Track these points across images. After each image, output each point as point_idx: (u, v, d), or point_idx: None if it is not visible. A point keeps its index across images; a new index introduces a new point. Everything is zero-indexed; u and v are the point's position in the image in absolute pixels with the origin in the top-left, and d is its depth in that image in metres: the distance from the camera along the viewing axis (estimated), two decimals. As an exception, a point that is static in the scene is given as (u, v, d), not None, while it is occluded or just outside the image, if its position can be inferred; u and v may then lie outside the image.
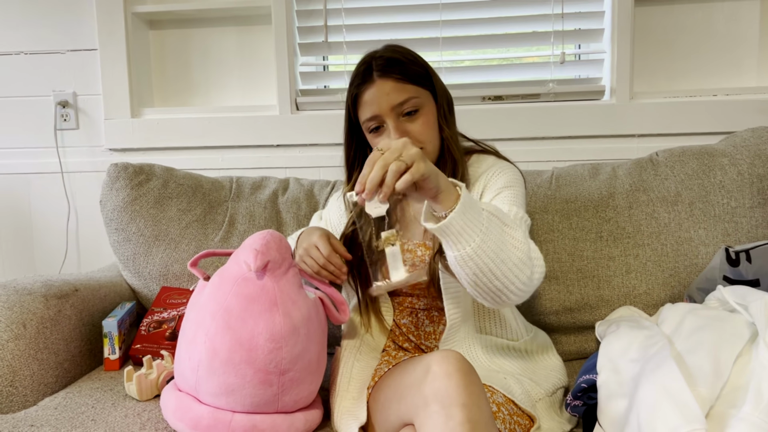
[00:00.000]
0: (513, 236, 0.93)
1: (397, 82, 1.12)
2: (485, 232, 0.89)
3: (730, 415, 0.85)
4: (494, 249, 0.90)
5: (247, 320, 1.00)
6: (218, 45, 1.99)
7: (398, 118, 1.13)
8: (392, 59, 1.14)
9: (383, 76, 1.13)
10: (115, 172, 1.58)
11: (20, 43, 1.97)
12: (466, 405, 0.85)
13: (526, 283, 0.95)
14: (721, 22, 1.79)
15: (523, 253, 0.93)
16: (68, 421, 1.10)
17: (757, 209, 1.39)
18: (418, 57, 1.19)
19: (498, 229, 0.91)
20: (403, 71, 1.13)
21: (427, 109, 1.15)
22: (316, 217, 1.46)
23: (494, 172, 1.19)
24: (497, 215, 0.92)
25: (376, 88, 1.13)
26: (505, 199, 1.12)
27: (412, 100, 1.13)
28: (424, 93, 1.15)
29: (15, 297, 1.28)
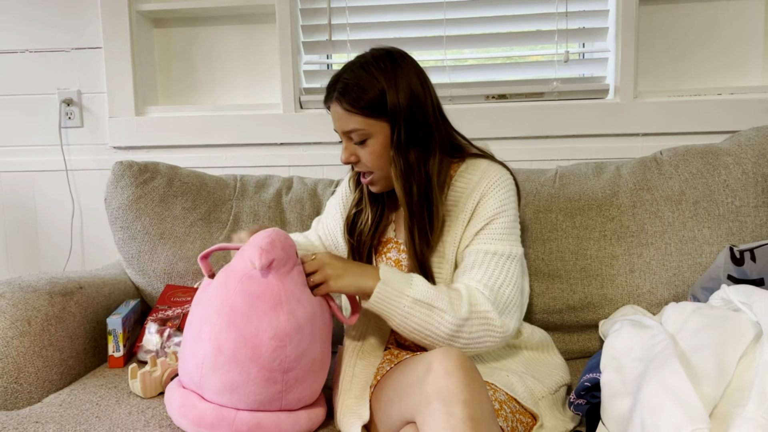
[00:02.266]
0: (441, 318, 1.04)
1: (345, 112, 1.13)
2: (405, 316, 1.05)
3: (734, 414, 0.85)
4: (415, 328, 1.05)
5: (251, 318, 1.00)
6: (222, 43, 1.99)
7: (350, 141, 1.16)
8: (348, 87, 1.12)
9: (336, 102, 1.14)
10: (120, 170, 1.58)
11: (25, 41, 1.98)
12: (467, 402, 0.85)
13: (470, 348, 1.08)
14: (726, 21, 1.78)
15: (449, 330, 1.04)
16: (73, 418, 1.11)
17: (761, 208, 1.39)
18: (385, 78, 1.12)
19: (422, 314, 1.04)
20: (354, 101, 1.11)
21: (376, 139, 1.13)
22: (314, 223, 1.45)
23: (488, 187, 1.16)
24: (424, 300, 1.04)
25: (333, 109, 1.17)
26: (494, 235, 1.14)
27: (357, 131, 1.13)
28: (375, 124, 1.12)
29: (20, 294, 1.28)
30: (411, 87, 1.13)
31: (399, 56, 1.16)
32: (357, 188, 1.29)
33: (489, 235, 1.14)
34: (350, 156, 1.17)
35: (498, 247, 1.13)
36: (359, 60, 1.16)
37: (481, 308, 1.07)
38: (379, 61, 1.14)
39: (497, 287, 1.10)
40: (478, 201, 1.16)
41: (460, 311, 1.05)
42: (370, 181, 1.19)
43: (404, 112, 1.12)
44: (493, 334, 1.08)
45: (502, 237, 1.14)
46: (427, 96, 1.16)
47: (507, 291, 1.11)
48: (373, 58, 1.14)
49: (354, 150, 1.17)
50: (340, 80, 1.14)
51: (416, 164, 1.14)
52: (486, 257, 1.12)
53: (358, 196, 1.28)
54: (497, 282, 1.10)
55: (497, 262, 1.12)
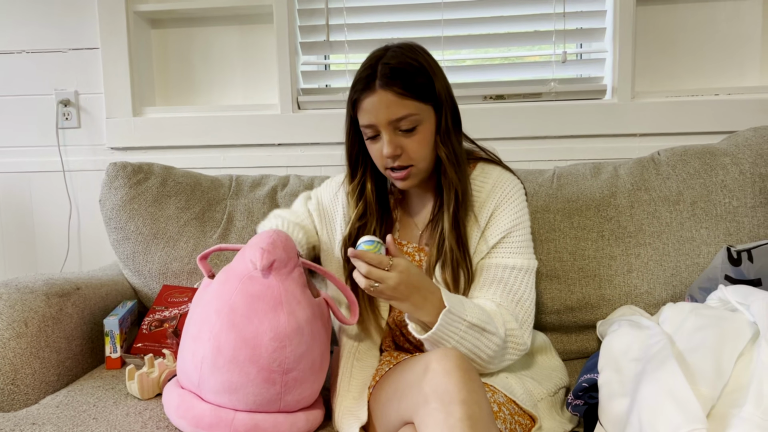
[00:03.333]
0: (489, 341, 1.03)
1: (397, 96, 1.06)
2: (459, 341, 1.01)
3: (732, 414, 0.85)
4: (465, 352, 1.01)
5: (251, 319, 1.00)
6: (220, 44, 1.99)
7: (394, 132, 1.09)
8: (397, 69, 1.07)
9: (385, 87, 1.07)
10: (113, 171, 1.58)
11: (22, 42, 1.97)
12: (465, 402, 0.85)
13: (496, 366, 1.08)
14: (723, 21, 1.79)
15: (493, 351, 1.04)
16: (70, 419, 1.11)
17: (759, 209, 1.39)
18: (426, 64, 1.11)
19: (474, 338, 1.02)
20: (407, 84, 1.06)
21: (425, 126, 1.10)
22: (303, 197, 1.37)
23: (502, 198, 1.16)
24: (479, 325, 1.01)
25: (377, 98, 1.08)
26: (512, 248, 1.15)
27: (410, 117, 1.08)
28: (425, 109, 1.09)
29: (17, 295, 1.28)
30: (445, 76, 1.14)
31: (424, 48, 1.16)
32: (360, 200, 1.22)
33: (507, 248, 1.15)
34: (396, 148, 1.09)
35: (516, 261, 1.14)
36: (394, 48, 1.11)
37: (510, 326, 1.09)
38: (414, 48, 1.13)
39: (516, 302, 1.12)
40: (493, 211, 1.16)
41: (501, 331, 1.06)
42: (406, 175, 1.12)
43: (447, 97, 1.13)
44: (517, 350, 1.10)
45: (519, 251, 1.15)
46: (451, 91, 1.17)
47: (526, 305, 1.13)
48: (408, 46, 1.12)
49: (399, 141, 1.09)
50: (384, 66, 1.07)
51: (461, 152, 1.15)
52: (505, 272, 1.13)
53: (362, 209, 1.21)
54: (516, 296, 1.13)
55: (516, 276, 1.14)
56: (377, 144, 1.12)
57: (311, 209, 1.32)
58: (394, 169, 1.13)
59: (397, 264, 0.98)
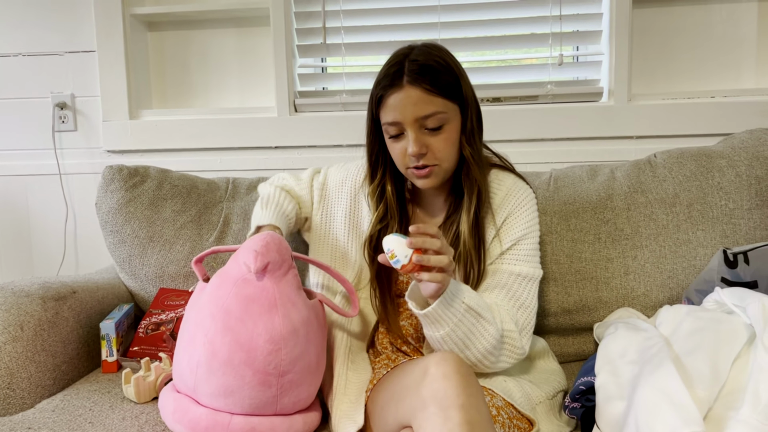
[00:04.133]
0: (485, 330, 1.02)
1: (426, 93, 1.06)
2: (456, 324, 1.00)
3: (729, 417, 0.85)
4: (461, 337, 1.01)
5: (246, 321, 1.00)
6: (217, 47, 1.99)
7: (420, 130, 1.09)
8: (426, 66, 1.06)
9: (413, 84, 1.06)
10: (109, 174, 1.58)
11: (18, 45, 1.97)
12: (464, 406, 0.85)
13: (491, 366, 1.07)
14: (719, 23, 1.79)
15: (489, 344, 1.03)
16: (66, 423, 1.10)
17: (755, 211, 1.39)
18: (453, 63, 1.11)
19: (470, 323, 1.01)
20: (435, 81, 1.06)
21: (451, 125, 1.10)
22: (312, 170, 1.39)
23: (515, 206, 1.17)
24: (476, 309, 1.01)
25: (404, 94, 1.07)
26: (520, 256, 1.15)
27: (438, 115, 1.07)
28: (452, 107, 1.09)
29: (12, 299, 1.27)
30: (468, 77, 1.15)
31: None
32: (381, 202, 1.22)
33: (515, 256, 1.15)
34: (422, 146, 1.08)
35: (522, 269, 1.15)
36: (421, 46, 1.11)
37: (507, 327, 1.09)
38: (440, 47, 1.13)
39: (517, 308, 1.13)
40: (506, 218, 1.17)
41: (499, 325, 1.06)
42: (429, 173, 1.11)
43: (473, 99, 1.13)
44: (513, 353, 1.10)
45: (527, 259, 1.16)
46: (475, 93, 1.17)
47: (526, 313, 1.14)
48: (432, 45, 1.12)
49: (425, 140, 1.09)
50: (412, 62, 1.07)
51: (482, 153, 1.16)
52: (510, 278, 1.14)
53: (382, 212, 1.21)
54: (518, 302, 1.13)
55: (520, 283, 1.14)
56: (400, 143, 1.12)
57: (315, 185, 1.35)
58: (417, 168, 1.12)
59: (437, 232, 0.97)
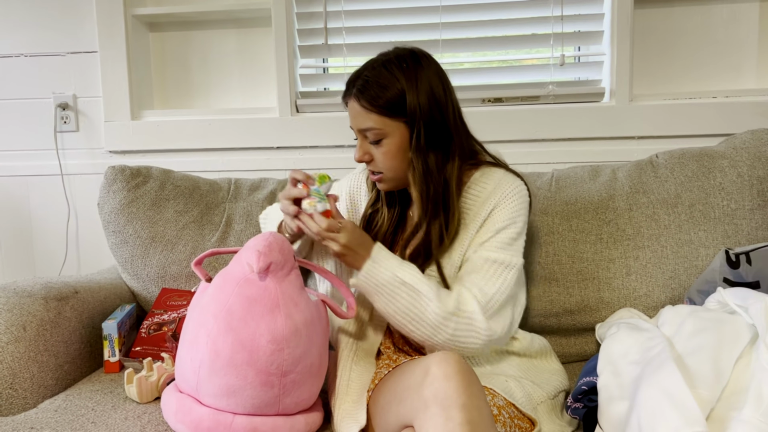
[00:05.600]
0: (425, 306, 1.05)
1: (363, 109, 1.12)
2: (391, 295, 1.07)
3: (731, 417, 0.85)
4: (401, 311, 1.07)
5: (249, 321, 1.00)
6: (218, 47, 1.99)
7: (365, 139, 1.16)
8: (368, 84, 1.11)
9: (355, 99, 1.13)
10: (112, 174, 1.58)
11: (20, 45, 1.97)
12: (465, 406, 0.85)
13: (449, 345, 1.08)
14: (721, 24, 1.79)
15: (434, 320, 1.05)
16: (68, 423, 1.10)
17: (757, 211, 1.39)
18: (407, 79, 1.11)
19: (408, 297, 1.06)
20: (373, 99, 1.11)
21: (391, 139, 1.13)
22: None
23: (502, 198, 1.17)
24: (412, 285, 1.06)
25: (350, 106, 1.16)
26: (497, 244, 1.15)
27: (373, 130, 1.12)
28: (392, 124, 1.12)
29: (15, 299, 1.28)
30: (432, 89, 1.13)
31: (422, 57, 1.16)
32: (374, 187, 1.28)
33: (493, 244, 1.14)
34: (364, 154, 1.17)
35: (499, 256, 1.13)
36: (382, 58, 1.15)
37: (468, 308, 1.07)
38: (401, 60, 1.13)
39: (490, 294, 1.10)
40: (491, 211, 1.16)
41: (447, 305, 1.06)
42: (379, 179, 1.19)
43: (424, 113, 1.12)
44: (476, 335, 1.07)
45: (504, 246, 1.14)
46: (448, 99, 1.16)
47: (499, 298, 1.11)
48: (396, 57, 1.14)
49: (368, 149, 1.16)
50: (361, 77, 1.13)
51: (435, 168, 1.14)
52: (485, 264, 1.13)
53: (374, 196, 1.28)
54: (491, 289, 1.11)
55: (495, 270, 1.13)
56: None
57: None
58: (373, 172, 1.19)
59: (344, 225, 1.10)
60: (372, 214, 1.27)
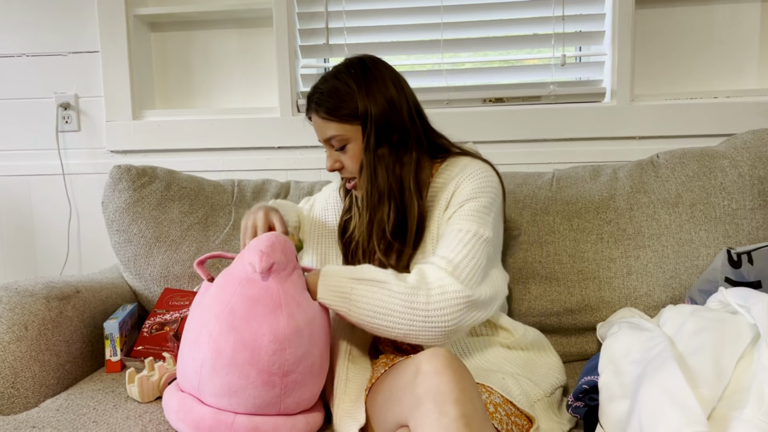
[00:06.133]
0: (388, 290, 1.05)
1: (323, 120, 1.18)
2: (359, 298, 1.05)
3: (732, 417, 0.85)
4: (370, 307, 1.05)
5: (251, 321, 1.00)
6: (219, 47, 1.99)
7: (332, 148, 1.20)
8: (323, 95, 1.17)
9: (314, 112, 1.19)
10: (118, 173, 1.58)
11: (22, 45, 1.98)
12: (458, 400, 0.85)
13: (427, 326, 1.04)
14: (722, 24, 1.79)
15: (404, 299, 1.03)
16: (70, 422, 1.10)
17: (758, 211, 1.39)
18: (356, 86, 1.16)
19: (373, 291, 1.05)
20: (329, 110, 1.16)
21: (354, 143, 1.18)
22: (303, 200, 1.49)
23: (464, 177, 1.17)
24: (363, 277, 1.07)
25: (312, 120, 1.22)
26: (460, 215, 1.13)
27: (336, 137, 1.17)
28: (350, 128, 1.16)
29: (17, 298, 1.28)
30: (382, 91, 1.16)
31: (371, 62, 1.20)
32: (346, 196, 1.32)
33: (458, 215, 1.14)
34: (335, 163, 1.21)
35: (464, 225, 1.11)
36: (333, 70, 1.22)
37: (433, 276, 1.05)
38: (350, 68, 1.19)
39: (457, 260, 1.07)
40: (454, 191, 1.18)
41: (407, 280, 1.05)
42: (354, 186, 1.23)
43: (375, 116, 1.15)
44: (455, 300, 1.03)
45: (470, 217, 1.12)
46: (401, 99, 1.18)
47: (469, 263, 1.07)
48: (345, 67, 1.20)
49: (337, 157, 1.21)
50: (317, 91, 1.19)
51: (388, 166, 1.16)
52: (451, 233, 1.11)
53: (347, 205, 1.31)
54: (457, 256, 1.07)
55: (461, 238, 1.10)
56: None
57: (305, 208, 1.43)
58: (348, 180, 1.24)
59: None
60: (346, 222, 1.30)
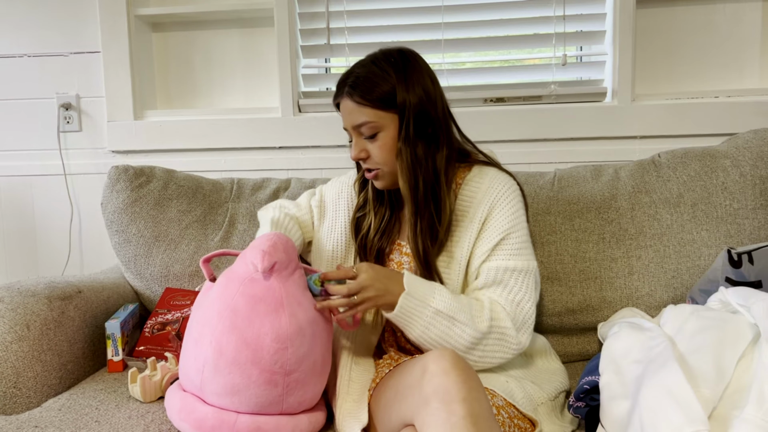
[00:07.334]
0: (461, 331, 1.07)
1: (357, 105, 1.14)
2: (426, 326, 1.07)
3: (733, 416, 0.85)
4: (435, 338, 1.07)
5: (253, 320, 1.00)
6: (221, 47, 1.99)
7: (360, 136, 1.17)
8: (359, 79, 1.14)
9: (348, 96, 1.15)
10: (115, 174, 1.59)
11: (24, 46, 1.98)
12: (466, 400, 0.86)
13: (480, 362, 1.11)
14: (723, 23, 1.79)
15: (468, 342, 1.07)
16: (72, 422, 1.11)
17: (759, 211, 1.39)
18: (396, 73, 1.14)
19: (442, 325, 1.07)
20: (366, 93, 1.13)
21: (386, 132, 1.15)
22: (308, 193, 1.42)
23: (499, 197, 1.17)
24: (446, 313, 1.07)
25: (343, 105, 1.17)
26: (511, 250, 1.16)
27: (369, 125, 1.14)
28: (385, 116, 1.14)
29: (19, 299, 1.28)
30: (421, 83, 1.15)
31: (409, 53, 1.19)
32: (361, 192, 1.29)
33: (506, 250, 1.16)
34: (361, 152, 1.17)
35: (517, 263, 1.15)
36: (370, 57, 1.18)
37: (501, 324, 1.10)
38: (388, 56, 1.16)
39: (516, 303, 1.13)
40: (489, 211, 1.17)
41: (481, 325, 1.08)
42: (375, 176, 1.19)
43: (414, 105, 1.14)
44: (507, 349, 1.12)
45: (519, 252, 1.16)
46: (437, 95, 1.18)
47: (526, 307, 1.14)
48: (383, 55, 1.17)
49: (364, 145, 1.17)
50: (351, 75, 1.16)
51: (423, 158, 1.15)
52: (506, 274, 1.15)
53: (361, 201, 1.29)
54: (516, 298, 1.14)
55: (516, 278, 1.15)
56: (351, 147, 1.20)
57: (313, 205, 1.37)
58: (368, 170, 1.20)
59: (359, 267, 1.08)
60: (359, 219, 1.28)
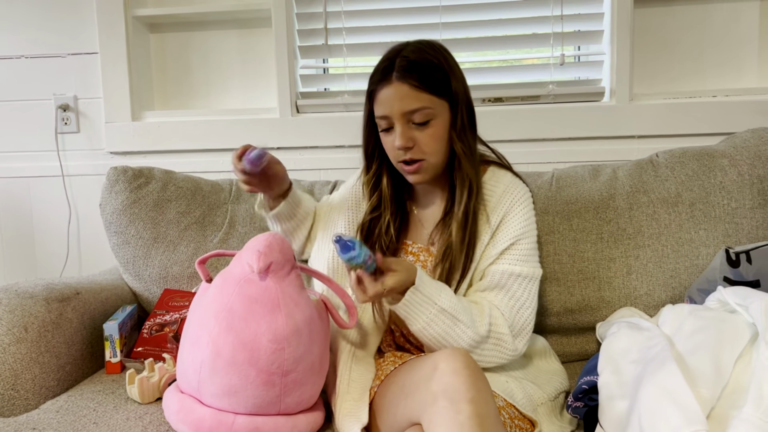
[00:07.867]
0: (462, 332, 1.07)
1: (412, 89, 1.09)
2: (428, 322, 1.06)
3: (731, 416, 0.85)
4: (436, 335, 1.07)
5: (249, 321, 1.00)
6: (219, 48, 1.99)
7: (407, 124, 1.11)
8: (414, 63, 1.09)
9: (401, 79, 1.09)
10: (114, 175, 1.58)
11: (21, 47, 1.98)
12: (474, 400, 0.86)
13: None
14: (721, 23, 1.79)
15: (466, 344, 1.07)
16: (70, 424, 1.11)
17: (757, 210, 1.39)
18: (444, 61, 1.13)
19: (444, 323, 1.06)
20: (423, 78, 1.09)
21: (438, 120, 1.12)
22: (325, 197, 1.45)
23: (514, 203, 1.18)
24: (450, 312, 1.06)
25: (393, 89, 1.10)
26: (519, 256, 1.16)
27: (424, 110, 1.10)
28: (439, 103, 1.11)
29: (17, 300, 1.28)
30: (461, 75, 1.16)
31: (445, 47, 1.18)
32: (375, 192, 1.25)
33: (514, 256, 1.16)
34: (408, 140, 1.11)
35: (522, 269, 1.15)
36: (413, 44, 1.14)
37: (499, 329, 1.11)
38: (433, 46, 1.15)
39: (516, 309, 1.14)
40: (503, 216, 1.17)
41: (481, 329, 1.09)
42: (418, 168, 1.14)
43: (463, 94, 1.14)
44: (503, 355, 1.13)
45: (526, 258, 1.16)
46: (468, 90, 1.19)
47: (525, 314, 1.15)
48: (428, 43, 1.15)
49: (412, 133, 1.12)
50: (400, 58, 1.10)
51: (472, 152, 1.16)
52: (510, 279, 1.15)
53: (375, 201, 1.24)
54: (517, 304, 1.14)
55: (520, 284, 1.15)
56: (390, 136, 1.14)
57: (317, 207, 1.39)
58: (407, 163, 1.15)
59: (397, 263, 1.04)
60: (372, 221, 1.24)
